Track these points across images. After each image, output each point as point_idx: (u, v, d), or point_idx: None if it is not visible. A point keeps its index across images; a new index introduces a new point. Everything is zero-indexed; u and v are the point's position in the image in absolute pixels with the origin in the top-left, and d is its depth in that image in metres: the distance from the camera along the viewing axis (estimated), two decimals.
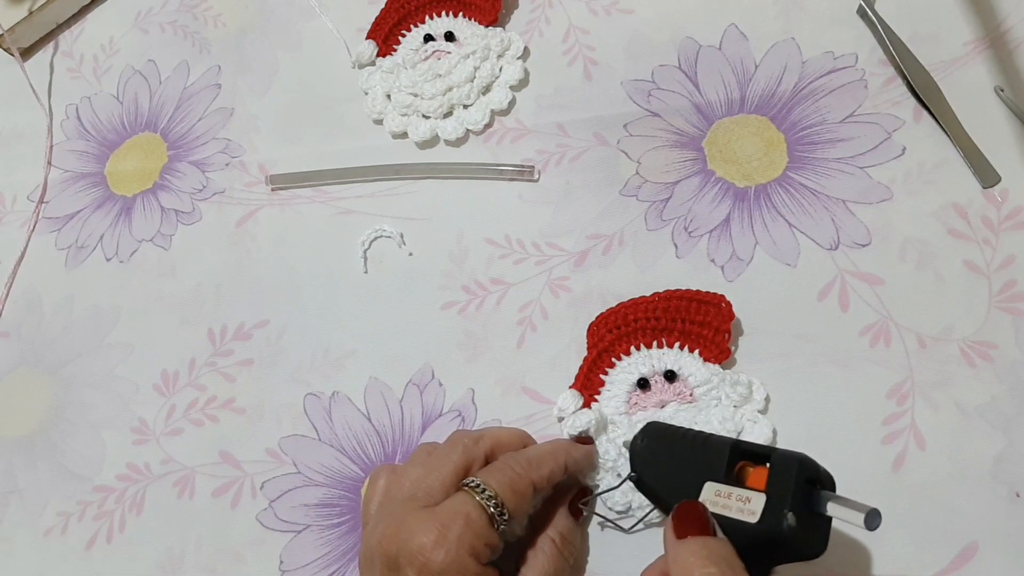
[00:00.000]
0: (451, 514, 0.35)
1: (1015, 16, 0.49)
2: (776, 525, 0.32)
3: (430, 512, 0.36)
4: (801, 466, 0.33)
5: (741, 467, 0.36)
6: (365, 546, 0.37)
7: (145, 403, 0.52)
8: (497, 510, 0.36)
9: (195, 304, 0.54)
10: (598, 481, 0.42)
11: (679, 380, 0.43)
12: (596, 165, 0.51)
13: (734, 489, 0.34)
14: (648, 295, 0.45)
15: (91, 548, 0.49)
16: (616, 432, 0.43)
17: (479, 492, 0.36)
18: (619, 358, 0.45)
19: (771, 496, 0.32)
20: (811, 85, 0.50)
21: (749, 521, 0.32)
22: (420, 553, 0.34)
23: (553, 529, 0.40)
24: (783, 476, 0.33)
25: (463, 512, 0.35)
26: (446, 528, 0.35)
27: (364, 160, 0.55)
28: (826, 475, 0.34)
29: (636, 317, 0.45)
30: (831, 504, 0.32)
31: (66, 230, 0.60)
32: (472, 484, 0.37)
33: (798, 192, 0.47)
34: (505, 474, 0.37)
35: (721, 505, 0.34)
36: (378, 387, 0.49)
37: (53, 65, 0.68)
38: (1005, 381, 0.41)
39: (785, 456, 0.33)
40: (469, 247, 0.51)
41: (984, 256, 0.43)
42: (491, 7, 0.56)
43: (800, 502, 0.32)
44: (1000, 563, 0.37)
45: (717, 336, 0.43)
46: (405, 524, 0.36)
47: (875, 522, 0.30)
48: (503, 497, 0.36)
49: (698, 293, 0.44)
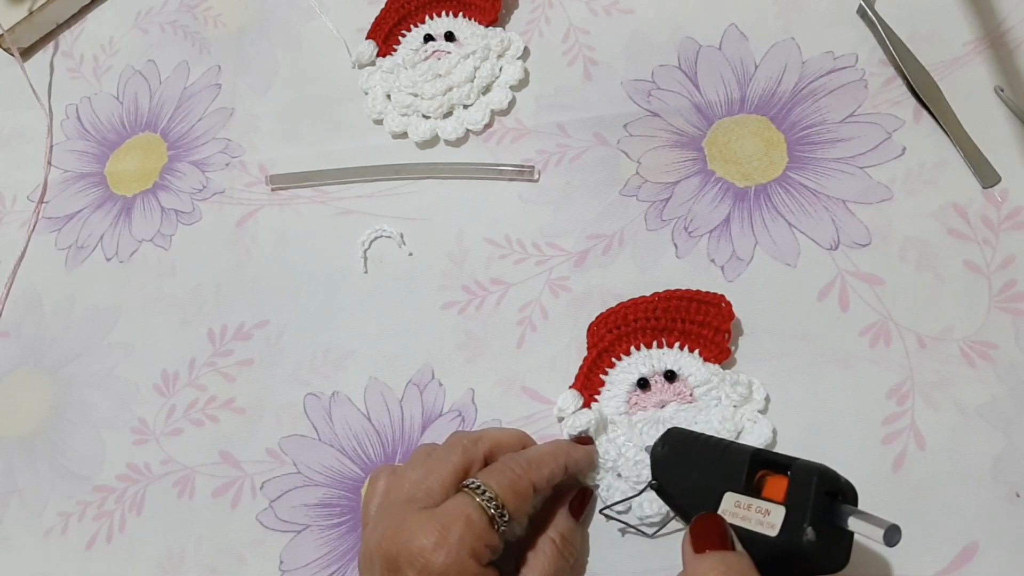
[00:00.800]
0: (452, 516, 0.35)
1: (1015, 16, 0.48)
2: (796, 539, 0.31)
3: (430, 513, 0.36)
4: (821, 478, 0.32)
5: (761, 476, 0.35)
6: (365, 547, 0.37)
7: (145, 403, 0.52)
8: (498, 511, 0.36)
9: (195, 304, 0.54)
10: (598, 481, 0.42)
11: (679, 380, 0.43)
12: (596, 165, 0.51)
13: (754, 501, 0.33)
14: (648, 295, 0.45)
15: (91, 548, 0.49)
16: (616, 432, 0.43)
17: (479, 493, 0.36)
18: (619, 358, 0.45)
19: (791, 509, 0.32)
20: (811, 85, 0.50)
21: (768, 534, 0.32)
22: (420, 555, 0.34)
23: (554, 530, 0.40)
24: (803, 489, 0.32)
25: (464, 513, 0.35)
26: (447, 530, 0.35)
27: (364, 160, 0.55)
28: (847, 486, 0.33)
29: (636, 317, 0.45)
30: (852, 519, 0.31)
31: (66, 230, 0.60)
32: (472, 485, 0.37)
33: (798, 192, 0.47)
34: (505, 475, 0.37)
35: (741, 516, 0.33)
36: (378, 387, 0.49)
37: (53, 65, 0.68)
38: (1005, 381, 0.41)
39: (805, 468, 0.33)
40: (469, 247, 0.51)
41: (984, 256, 0.43)
42: (491, 7, 0.56)
43: (820, 515, 0.31)
44: (1000, 563, 0.37)
45: (717, 336, 0.43)
46: (405, 525, 0.35)
47: (894, 539, 0.30)
48: (503, 498, 0.36)
49: (698, 293, 0.44)
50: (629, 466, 0.42)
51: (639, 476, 0.41)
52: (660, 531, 0.41)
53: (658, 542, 0.41)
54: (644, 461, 0.41)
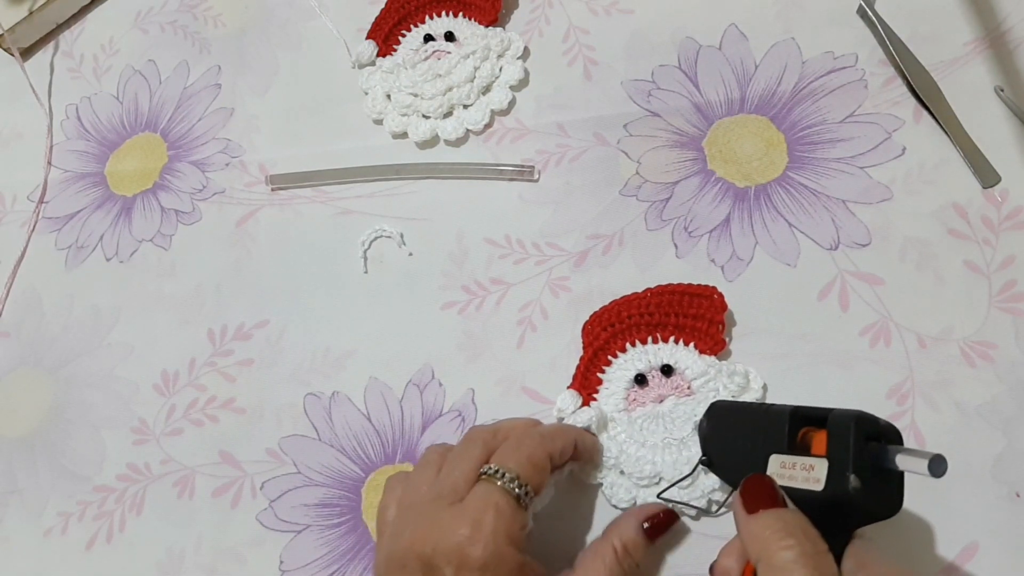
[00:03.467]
0: (480, 507, 0.35)
1: (1015, 16, 0.48)
2: (841, 490, 0.30)
3: (459, 508, 0.36)
4: (859, 424, 0.31)
5: (804, 432, 0.34)
6: (389, 552, 0.37)
7: (145, 403, 0.52)
8: (522, 490, 0.36)
9: (195, 304, 0.54)
10: (600, 479, 0.42)
11: (676, 374, 0.44)
12: (596, 165, 0.51)
13: (797, 458, 0.33)
14: (640, 291, 0.45)
15: (91, 548, 0.49)
16: (617, 429, 0.43)
17: (500, 477, 0.36)
18: (615, 355, 0.45)
19: (833, 460, 0.31)
20: (811, 85, 0.50)
21: (815, 489, 0.31)
22: (458, 550, 0.34)
23: (617, 537, 0.38)
24: (841, 438, 0.31)
25: (492, 502, 0.35)
26: (479, 522, 0.35)
27: (364, 160, 0.55)
28: (888, 427, 0.32)
29: (630, 313, 0.45)
30: (898, 456, 0.30)
31: (66, 230, 0.60)
32: (491, 471, 0.36)
33: (798, 192, 0.47)
34: (521, 452, 0.37)
35: (788, 476, 0.33)
36: (378, 387, 0.49)
37: (53, 65, 0.68)
38: (1005, 381, 0.41)
39: (841, 417, 0.32)
40: (469, 247, 0.51)
41: (984, 256, 0.43)
42: (491, 7, 0.56)
43: (863, 462, 0.31)
44: (1000, 563, 0.38)
45: (711, 328, 0.43)
46: (436, 524, 0.35)
47: (940, 468, 0.29)
48: (524, 476, 0.36)
49: (689, 287, 0.44)
50: (631, 463, 0.42)
51: (642, 472, 0.41)
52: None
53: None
54: (646, 457, 0.41)
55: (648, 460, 0.41)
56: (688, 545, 0.41)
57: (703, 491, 0.40)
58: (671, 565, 0.40)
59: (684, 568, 0.40)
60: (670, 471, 0.41)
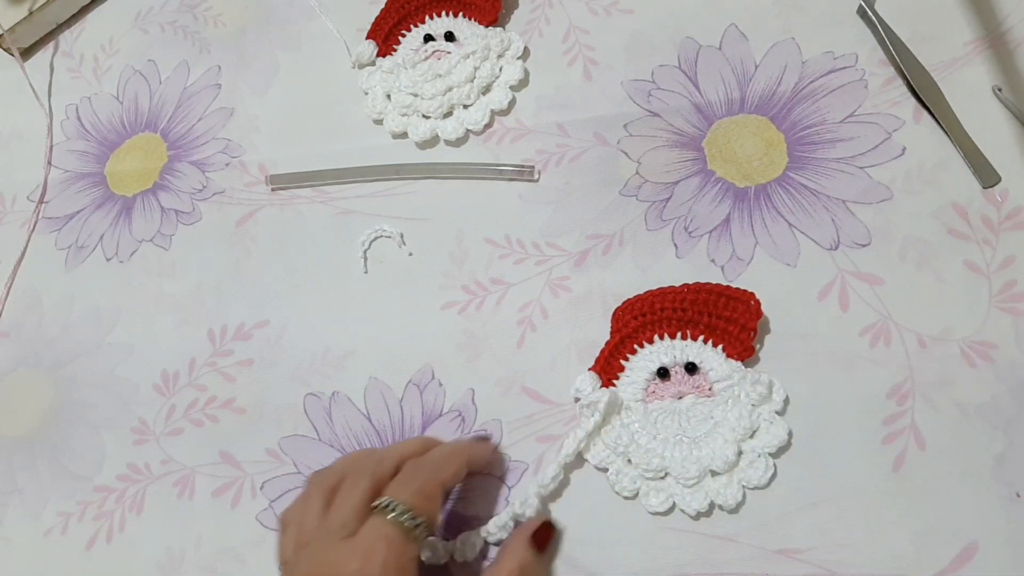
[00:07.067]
0: (370, 540, 0.36)
1: (1015, 16, 0.49)
2: None
3: (350, 543, 0.36)
4: None
5: None
6: None
7: (145, 403, 0.52)
8: (413, 522, 0.36)
9: (195, 304, 0.54)
10: (608, 464, 0.42)
11: (699, 373, 0.43)
12: (596, 165, 0.51)
13: None
14: (678, 286, 0.45)
15: (91, 548, 0.49)
16: (631, 418, 0.43)
17: (392, 511, 0.36)
18: (642, 345, 0.45)
19: None
20: (811, 85, 0.50)
21: None
22: None
23: (513, 560, 0.39)
24: None
25: (382, 535, 0.36)
26: (369, 555, 0.35)
27: (364, 160, 0.55)
28: None
29: (663, 306, 0.45)
30: None
31: (66, 230, 0.60)
32: (383, 505, 0.37)
33: (798, 192, 0.47)
34: (412, 484, 0.38)
35: None
36: (378, 387, 0.49)
37: (53, 65, 0.68)
38: (1005, 381, 0.41)
39: None
40: (469, 247, 0.51)
41: (984, 256, 0.43)
42: (491, 7, 0.56)
43: None
44: (1000, 563, 0.37)
45: (743, 333, 0.43)
46: (327, 559, 0.36)
47: None
48: (416, 507, 0.37)
49: (728, 288, 0.44)
50: (640, 453, 0.42)
51: (648, 464, 0.41)
52: None
53: (657, 540, 0.41)
54: (655, 450, 0.42)
55: (657, 453, 0.41)
56: (688, 545, 0.41)
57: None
58: (671, 565, 0.40)
59: (684, 568, 0.40)
60: (677, 468, 0.41)
